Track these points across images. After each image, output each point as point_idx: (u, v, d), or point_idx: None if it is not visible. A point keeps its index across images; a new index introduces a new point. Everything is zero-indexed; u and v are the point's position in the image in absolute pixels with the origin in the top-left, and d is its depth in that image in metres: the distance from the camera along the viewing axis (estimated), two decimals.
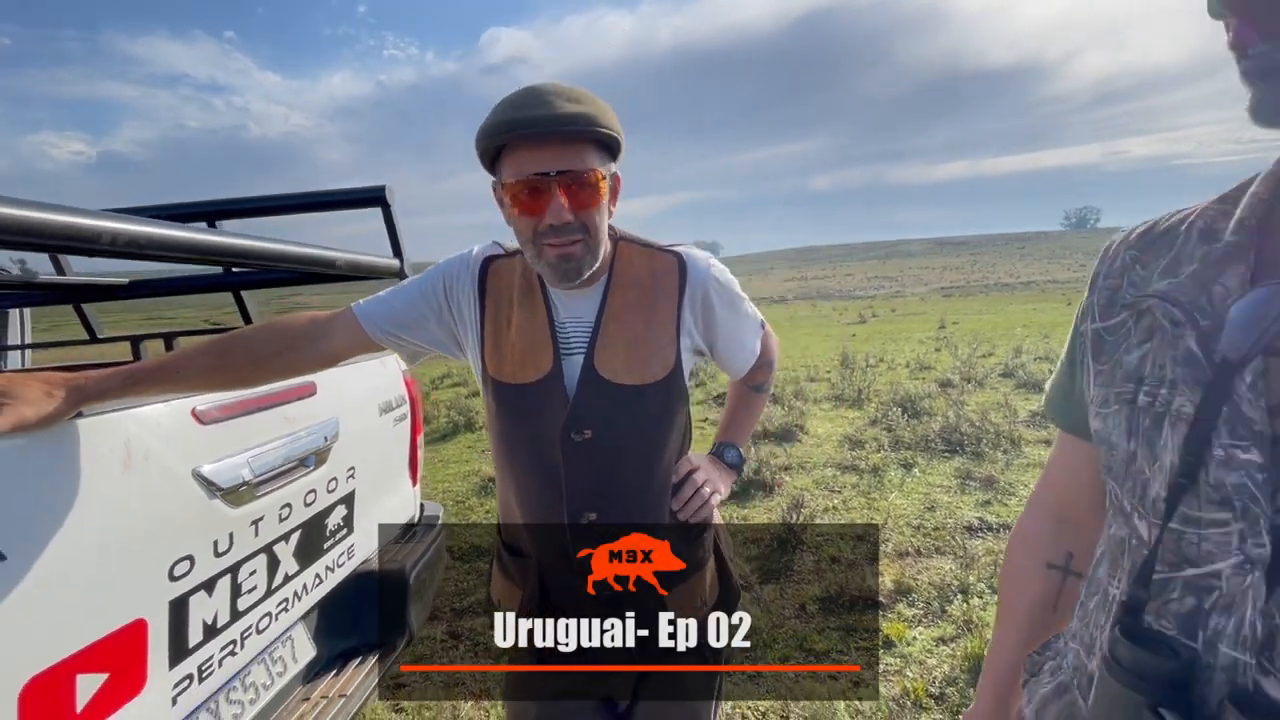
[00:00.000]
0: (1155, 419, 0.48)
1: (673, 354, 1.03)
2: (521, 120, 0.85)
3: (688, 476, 1.08)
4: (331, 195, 1.82)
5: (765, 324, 1.20)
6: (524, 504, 1.04)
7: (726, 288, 1.08)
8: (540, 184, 0.88)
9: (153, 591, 0.98)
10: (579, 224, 0.91)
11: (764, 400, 1.28)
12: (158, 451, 1.00)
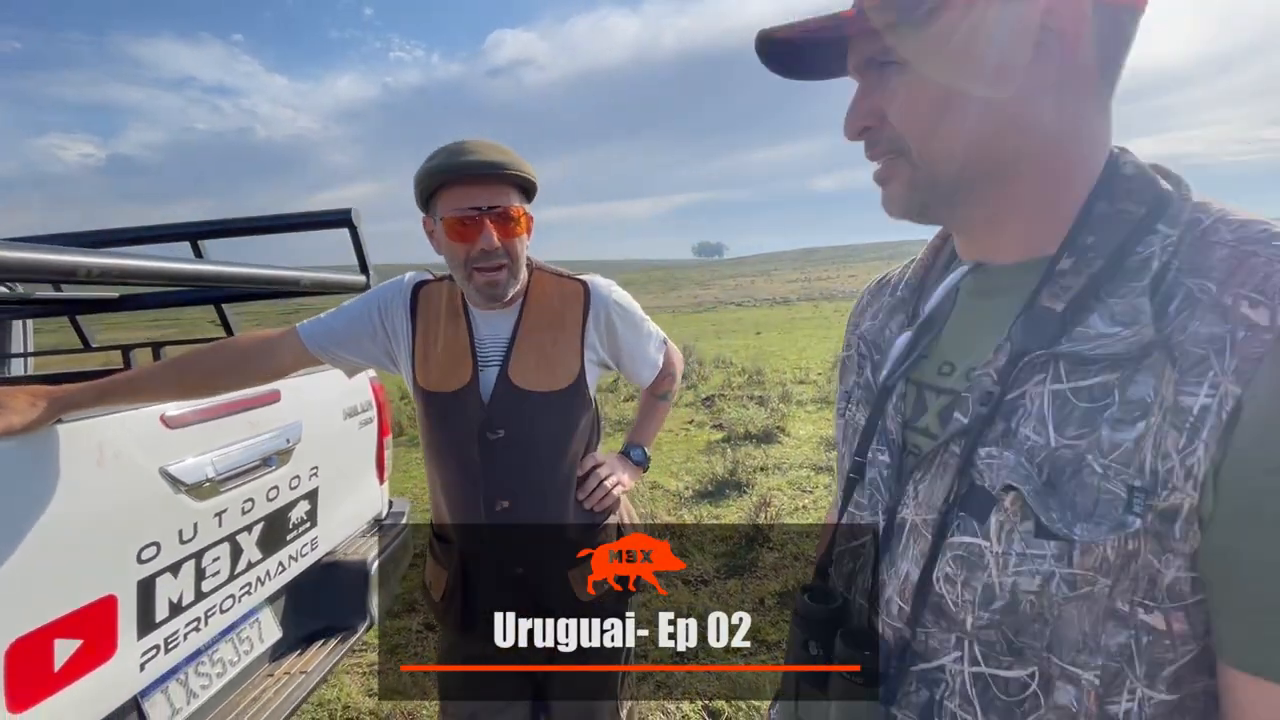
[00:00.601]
0: (848, 430, 0.63)
1: (577, 366, 1.19)
2: (459, 165, 1.04)
3: (592, 470, 1.24)
4: (303, 217, 1.99)
5: (667, 340, 1.36)
6: (448, 495, 1.21)
7: (627, 310, 1.25)
8: (473, 217, 1.06)
9: (122, 572, 1.14)
10: (505, 251, 1.08)
11: (668, 406, 1.44)
12: (128, 451, 1.16)
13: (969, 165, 0.48)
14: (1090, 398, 0.43)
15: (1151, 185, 0.47)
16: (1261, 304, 0.38)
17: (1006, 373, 0.47)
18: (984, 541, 0.46)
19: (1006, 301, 0.50)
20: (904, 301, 0.62)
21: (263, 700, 1.50)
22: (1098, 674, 0.42)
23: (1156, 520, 0.39)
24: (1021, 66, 0.44)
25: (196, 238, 1.96)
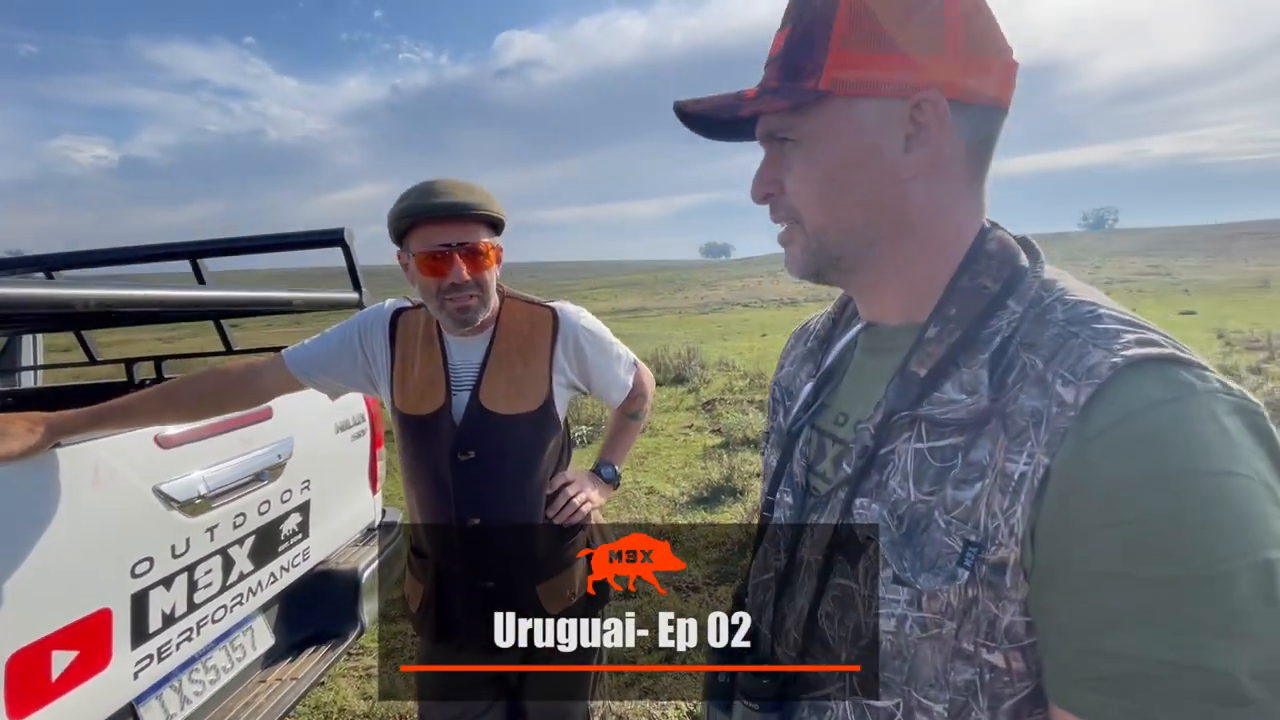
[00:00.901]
0: (766, 471, 0.68)
1: (546, 389, 1.25)
2: (430, 206, 1.11)
3: (561, 488, 1.30)
4: (298, 236, 2.06)
5: (638, 362, 1.42)
6: (423, 512, 1.27)
7: (595, 335, 1.31)
8: (443, 253, 1.12)
9: (116, 586, 1.21)
10: (474, 283, 1.15)
11: (639, 426, 1.50)
12: (123, 472, 1.23)
13: (852, 237, 0.53)
14: (942, 458, 0.48)
15: (1010, 261, 0.52)
16: (1071, 383, 0.43)
17: (881, 429, 0.52)
18: (854, 584, 0.51)
19: (890, 361, 0.55)
20: (812, 352, 0.68)
21: (255, 705, 1.56)
22: (947, 706, 0.47)
23: (990, 571, 0.44)
24: (895, 154, 0.50)
25: (196, 256, 2.04)
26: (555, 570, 1.27)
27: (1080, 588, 0.40)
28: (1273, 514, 0.38)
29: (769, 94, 0.51)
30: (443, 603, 1.27)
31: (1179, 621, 0.37)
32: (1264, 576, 0.36)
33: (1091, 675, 0.40)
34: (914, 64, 0.47)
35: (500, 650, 1.27)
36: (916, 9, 0.47)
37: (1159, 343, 0.43)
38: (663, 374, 9.60)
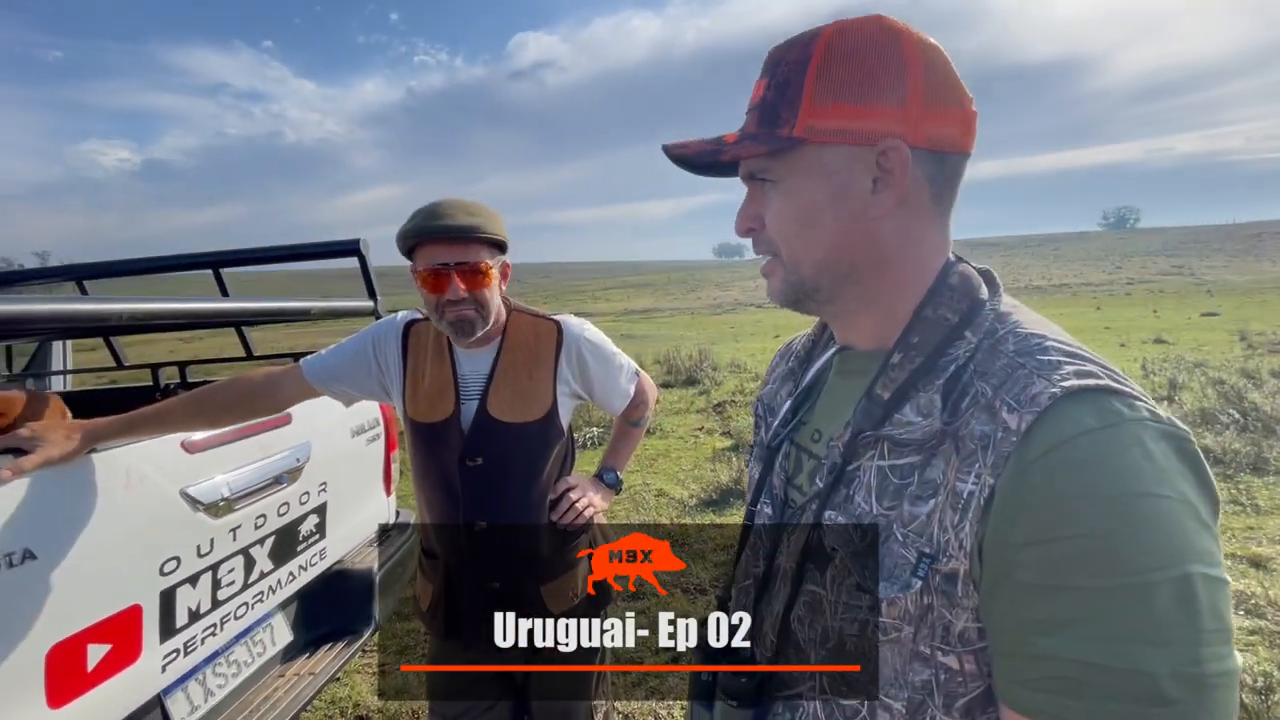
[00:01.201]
0: (749, 484, 0.73)
1: (550, 399, 1.31)
2: (432, 228, 1.18)
3: (565, 492, 1.35)
4: (316, 247, 2.13)
5: (640, 371, 1.47)
6: (433, 514, 1.33)
7: (598, 346, 1.36)
8: (442, 271, 1.18)
9: (146, 583, 1.28)
10: (472, 299, 1.21)
11: (641, 432, 1.55)
12: (152, 476, 1.30)
13: (825, 270, 0.58)
14: (900, 475, 0.52)
15: (970, 294, 0.56)
16: (1015, 410, 0.47)
17: (849, 447, 0.57)
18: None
19: (860, 383, 0.60)
20: (793, 371, 0.72)
21: (274, 699, 1.63)
22: (905, 704, 0.52)
23: (943, 581, 0.49)
24: (863, 194, 0.54)
25: (219, 266, 2.12)
26: (559, 572, 1.32)
27: (1019, 597, 0.44)
28: (1193, 531, 0.42)
29: (749, 140, 0.56)
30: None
31: (1106, 628, 0.41)
32: (1183, 588, 0.40)
33: (1030, 676, 0.44)
34: (879, 115, 0.52)
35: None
36: (880, 67, 0.52)
37: (1096, 374, 0.47)
38: (674, 375, 9.64)
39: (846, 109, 0.52)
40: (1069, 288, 41.82)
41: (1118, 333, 13.17)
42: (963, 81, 0.54)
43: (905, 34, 0.52)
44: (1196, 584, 0.41)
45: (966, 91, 0.54)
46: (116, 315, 1.21)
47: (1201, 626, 0.40)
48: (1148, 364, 8.86)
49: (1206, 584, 0.41)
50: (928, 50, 0.53)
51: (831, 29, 0.53)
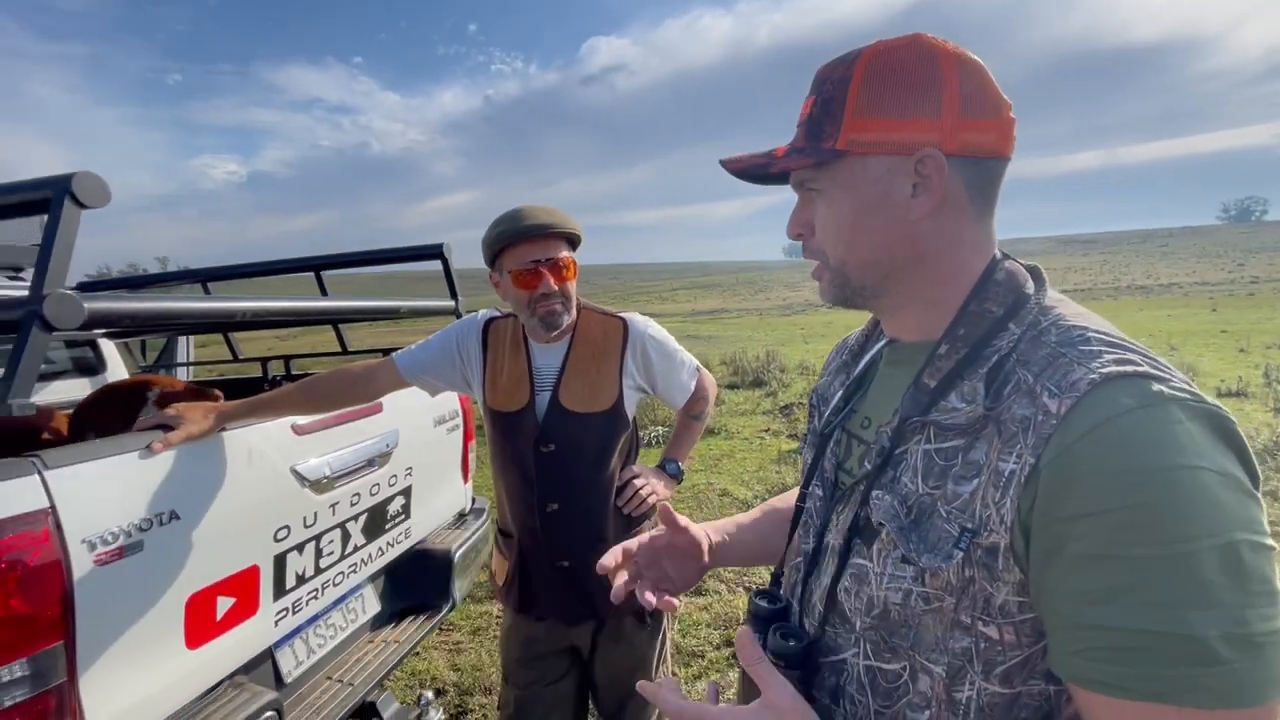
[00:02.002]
0: (803, 468, 0.77)
1: (616, 391, 1.39)
2: (520, 229, 1.29)
3: (630, 480, 1.43)
4: (403, 251, 2.31)
5: (700, 368, 1.53)
6: (509, 498, 1.44)
7: (661, 343, 1.44)
8: (533, 268, 1.29)
9: (263, 547, 1.45)
10: (560, 293, 1.31)
11: (701, 426, 1.61)
12: (269, 454, 1.47)
13: (870, 271, 0.62)
14: (945, 457, 0.56)
15: (1015, 290, 0.59)
16: (1056, 395, 0.50)
17: (897, 432, 0.61)
18: (869, 563, 0.60)
19: (907, 373, 0.64)
20: (846, 364, 0.77)
21: (364, 661, 1.80)
22: (945, 668, 0.55)
23: (984, 555, 0.52)
24: (904, 200, 0.58)
25: (320, 268, 2.34)
26: None
27: (1072, 569, 0.47)
28: (1236, 500, 0.44)
29: (795, 153, 0.61)
30: (525, 578, 1.43)
31: (1155, 595, 0.43)
32: (1228, 554, 0.43)
33: (1085, 647, 0.46)
34: (916, 126, 0.56)
35: (574, 624, 1.44)
36: (917, 83, 0.56)
37: (1135, 362, 0.49)
38: (740, 377, 9.58)
39: (886, 122, 0.57)
40: (1179, 287, 38.24)
41: (1236, 336, 11.90)
42: (1000, 91, 0.57)
43: (941, 51, 0.56)
44: (1241, 550, 0.43)
45: (1004, 100, 0.58)
46: (240, 312, 1.39)
47: (1248, 589, 0.42)
48: (1270, 371, 8.03)
49: (1251, 550, 0.43)
50: (963, 65, 0.56)
51: (872, 49, 0.58)
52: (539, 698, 1.47)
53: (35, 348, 0.97)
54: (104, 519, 1.11)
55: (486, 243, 1.33)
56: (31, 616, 1.01)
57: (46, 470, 1.05)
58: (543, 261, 1.30)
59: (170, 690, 1.25)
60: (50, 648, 1.04)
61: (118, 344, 2.85)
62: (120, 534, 1.13)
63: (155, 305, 1.20)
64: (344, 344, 2.61)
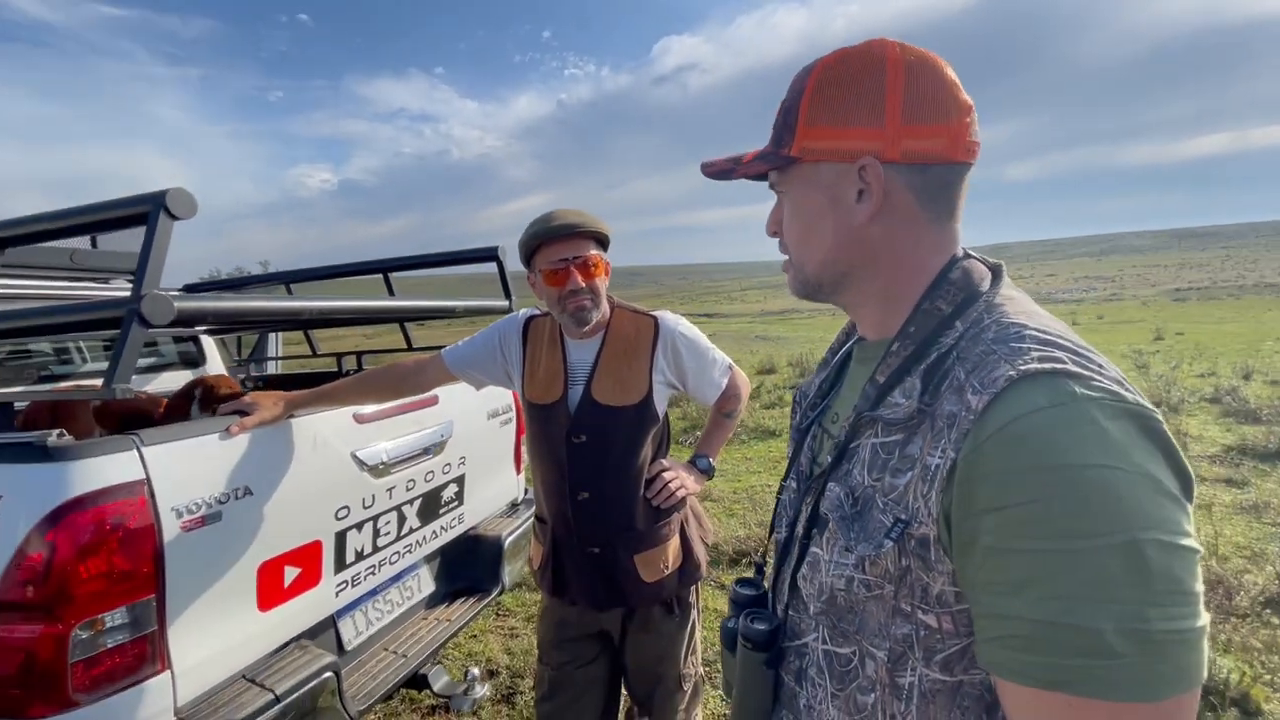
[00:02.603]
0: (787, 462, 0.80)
1: (646, 386, 1.44)
2: (549, 229, 1.37)
3: (659, 473, 1.47)
4: (462, 253, 2.45)
5: (733, 366, 1.56)
6: (543, 486, 1.52)
7: (692, 340, 1.48)
8: (562, 266, 1.37)
9: (325, 524, 1.60)
10: (588, 289, 1.38)
11: (733, 424, 1.64)
12: (332, 440, 1.62)
13: (826, 269, 0.65)
14: (886, 451, 0.58)
15: (968, 287, 0.60)
16: (978, 392, 0.51)
17: (853, 427, 0.63)
18: (820, 551, 0.63)
19: (869, 370, 0.66)
20: (826, 362, 0.79)
21: (418, 636, 1.94)
22: (887, 653, 0.57)
23: (917, 545, 0.54)
24: (850, 205, 0.61)
25: (388, 271, 2.52)
26: (651, 544, 1.45)
27: (981, 562, 0.49)
28: (1149, 500, 0.44)
29: (760, 159, 0.65)
30: (558, 563, 1.51)
31: (1056, 588, 0.44)
32: (1131, 552, 0.43)
33: (994, 635, 0.48)
34: (858, 134, 0.59)
35: (604, 609, 1.50)
36: (862, 92, 0.58)
37: (1059, 359, 0.50)
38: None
39: (832, 130, 0.60)
40: None
41: None
42: (957, 96, 0.58)
43: (891, 59, 0.58)
44: (1146, 548, 0.43)
45: (959, 104, 0.58)
46: (306, 311, 1.54)
47: (1150, 587, 0.43)
48: None
49: (1160, 549, 0.43)
50: (913, 72, 0.58)
51: (828, 59, 0.61)
52: (571, 678, 1.55)
53: (134, 341, 1.13)
54: (189, 491, 1.27)
55: (521, 244, 1.42)
56: (130, 572, 1.18)
57: (144, 447, 1.22)
58: (571, 260, 1.37)
59: (244, 646, 1.41)
60: (145, 599, 1.21)
61: (215, 340, 3.18)
62: (203, 505, 1.29)
63: (230, 305, 1.37)
64: (409, 341, 2.80)
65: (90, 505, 1.13)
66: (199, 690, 1.31)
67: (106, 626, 1.16)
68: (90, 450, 1.15)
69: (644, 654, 1.53)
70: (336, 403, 1.59)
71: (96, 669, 1.15)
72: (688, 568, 1.51)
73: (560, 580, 1.52)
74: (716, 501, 4.65)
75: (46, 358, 2.77)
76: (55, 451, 1.12)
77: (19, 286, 2.53)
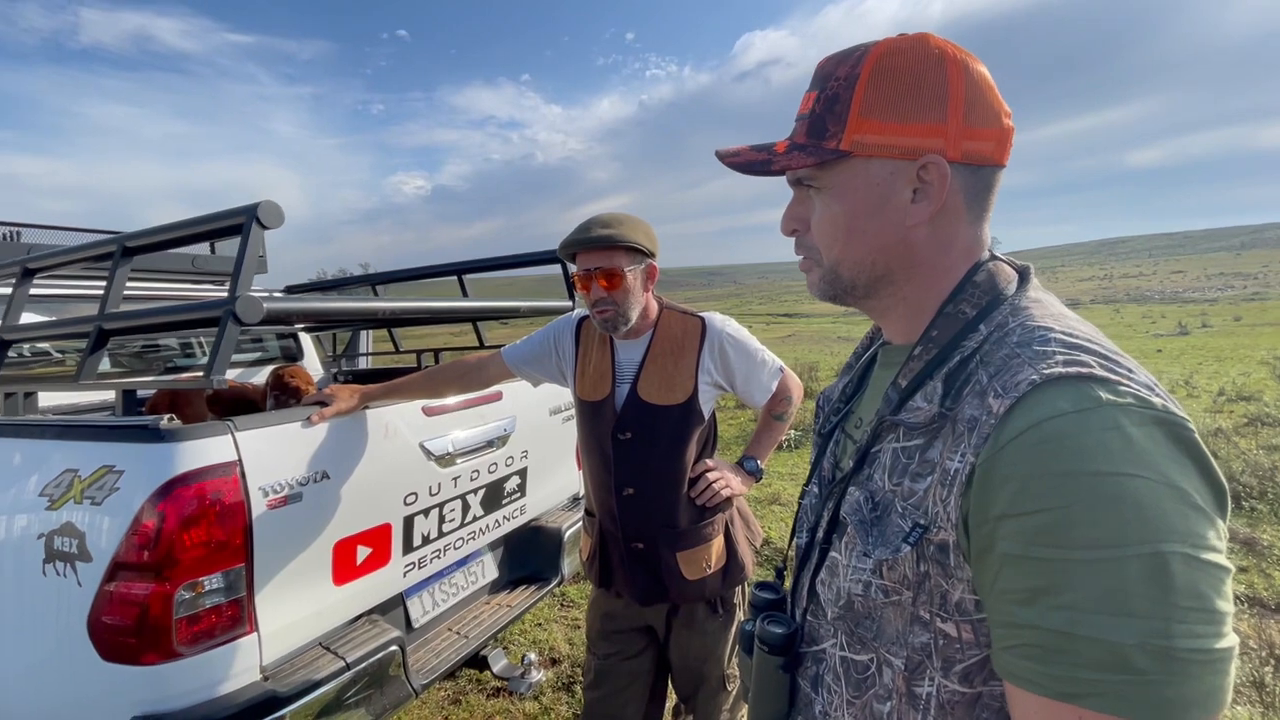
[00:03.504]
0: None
1: (692, 386, 1.45)
2: (577, 240, 1.42)
3: (703, 473, 1.48)
4: (528, 256, 2.55)
5: (784, 369, 1.55)
6: (591, 481, 1.57)
7: (740, 342, 1.48)
8: (586, 275, 1.42)
9: (395, 508, 1.73)
10: (610, 299, 1.41)
11: (784, 426, 1.62)
12: (402, 430, 1.74)
13: (863, 271, 0.62)
14: (907, 455, 0.57)
15: (992, 290, 0.58)
16: (1000, 396, 0.49)
17: (874, 431, 0.62)
18: (839, 555, 0.62)
19: (892, 374, 0.64)
20: (849, 366, 0.77)
21: (480, 619, 2.04)
22: (905, 662, 0.56)
23: (936, 551, 0.53)
24: (903, 205, 0.58)
25: (462, 273, 2.67)
26: (694, 542, 1.46)
27: (998, 569, 0.47)
28: (1175, 511, 0.42)
29: (798, 150, 0.61)
30: (605, 556, 1.55)
31: (1074, 599, 0.43)
32: (1155, 564, 0.41)
33: (1012, 644, 0.47)
34: (921, 131, 0.56)
35: (648, 604, 1.53)
36: (924, 86, 0.56)
37: (1086, 364, 0.47)
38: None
39: (891, 126, 0.56)
40: None
41: None
42: (1001, 99, 0.56)
43: (950, 55, 0.56)
44: (1171, 562, 0.41)
45: (1004, 108, 0.57)
46: (382, 311, 1.66)
47: (1174, 603, 0.40)
48: None
49: (1186, 563, 0.41)
50: (969, 71, 0.56)
51: (880, 48, 0.57)
52: (617, 670, 1.58)
53: (229, 337, 1.27)
54: (275, 473, 1.41)
55: (559, 249, 1.47)
56: (224, 542, 1.33)
57: (237, 432, 1.37)
58: (594, 270, 1.40)
59: (320, 617, 1.55)
60: (237, 567, 1.35)
61: (312, 337, 3.47)
62: (285, 485, 1.43)
63: (311, 305, 1.50)
64: (481, 339, 2.94)
65: (193, 481, 1.28)
66: (281, 653, 1.45)
67: (205, 589, 1.31)
68: (193, 433, 1.30)
69: (688, 652, 1.55)
70: (405, 396, 1.71)
71: (197, 626, 1.30)
72: (731, 568, 1.51)
73: (607, 572, 1.56)
74: (785, 505, 4.56)
75: (173, 351, 3.14)
76: (166, 433, 1.28)
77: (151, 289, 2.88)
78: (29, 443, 1.50)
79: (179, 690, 1.28)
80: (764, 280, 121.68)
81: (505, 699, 2.50)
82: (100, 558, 1.26)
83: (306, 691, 1.40)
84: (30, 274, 1.86)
